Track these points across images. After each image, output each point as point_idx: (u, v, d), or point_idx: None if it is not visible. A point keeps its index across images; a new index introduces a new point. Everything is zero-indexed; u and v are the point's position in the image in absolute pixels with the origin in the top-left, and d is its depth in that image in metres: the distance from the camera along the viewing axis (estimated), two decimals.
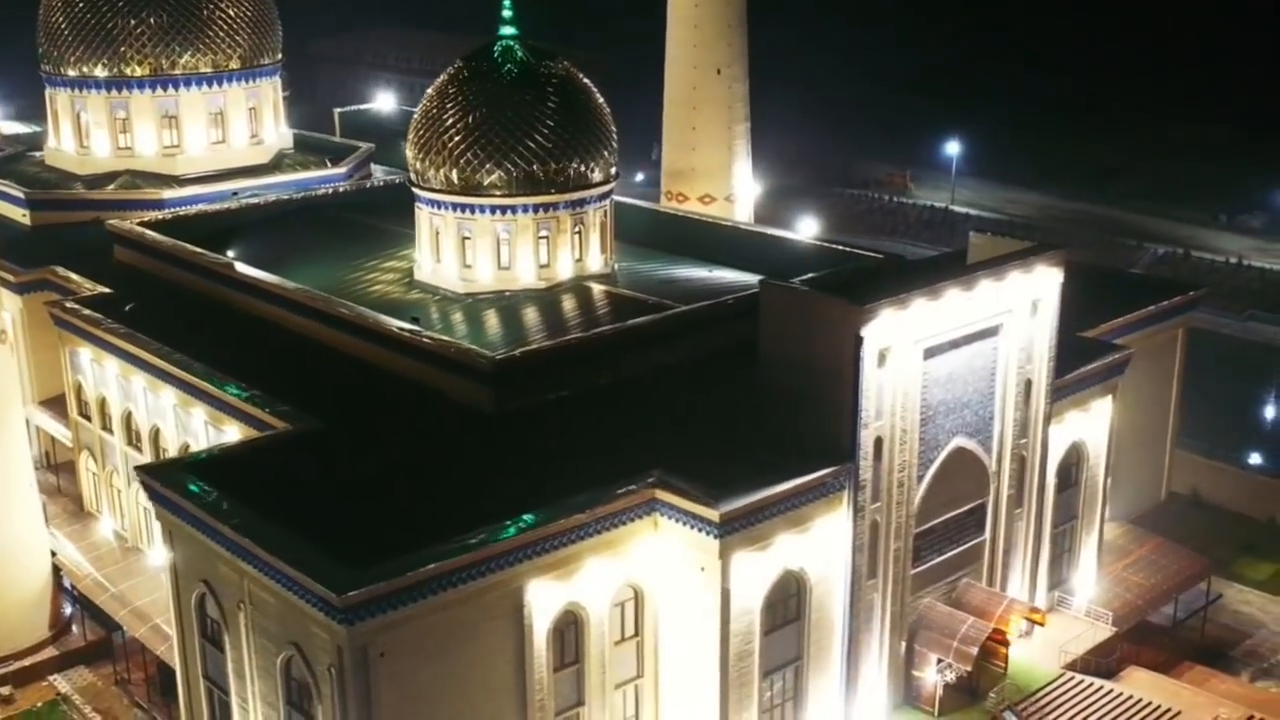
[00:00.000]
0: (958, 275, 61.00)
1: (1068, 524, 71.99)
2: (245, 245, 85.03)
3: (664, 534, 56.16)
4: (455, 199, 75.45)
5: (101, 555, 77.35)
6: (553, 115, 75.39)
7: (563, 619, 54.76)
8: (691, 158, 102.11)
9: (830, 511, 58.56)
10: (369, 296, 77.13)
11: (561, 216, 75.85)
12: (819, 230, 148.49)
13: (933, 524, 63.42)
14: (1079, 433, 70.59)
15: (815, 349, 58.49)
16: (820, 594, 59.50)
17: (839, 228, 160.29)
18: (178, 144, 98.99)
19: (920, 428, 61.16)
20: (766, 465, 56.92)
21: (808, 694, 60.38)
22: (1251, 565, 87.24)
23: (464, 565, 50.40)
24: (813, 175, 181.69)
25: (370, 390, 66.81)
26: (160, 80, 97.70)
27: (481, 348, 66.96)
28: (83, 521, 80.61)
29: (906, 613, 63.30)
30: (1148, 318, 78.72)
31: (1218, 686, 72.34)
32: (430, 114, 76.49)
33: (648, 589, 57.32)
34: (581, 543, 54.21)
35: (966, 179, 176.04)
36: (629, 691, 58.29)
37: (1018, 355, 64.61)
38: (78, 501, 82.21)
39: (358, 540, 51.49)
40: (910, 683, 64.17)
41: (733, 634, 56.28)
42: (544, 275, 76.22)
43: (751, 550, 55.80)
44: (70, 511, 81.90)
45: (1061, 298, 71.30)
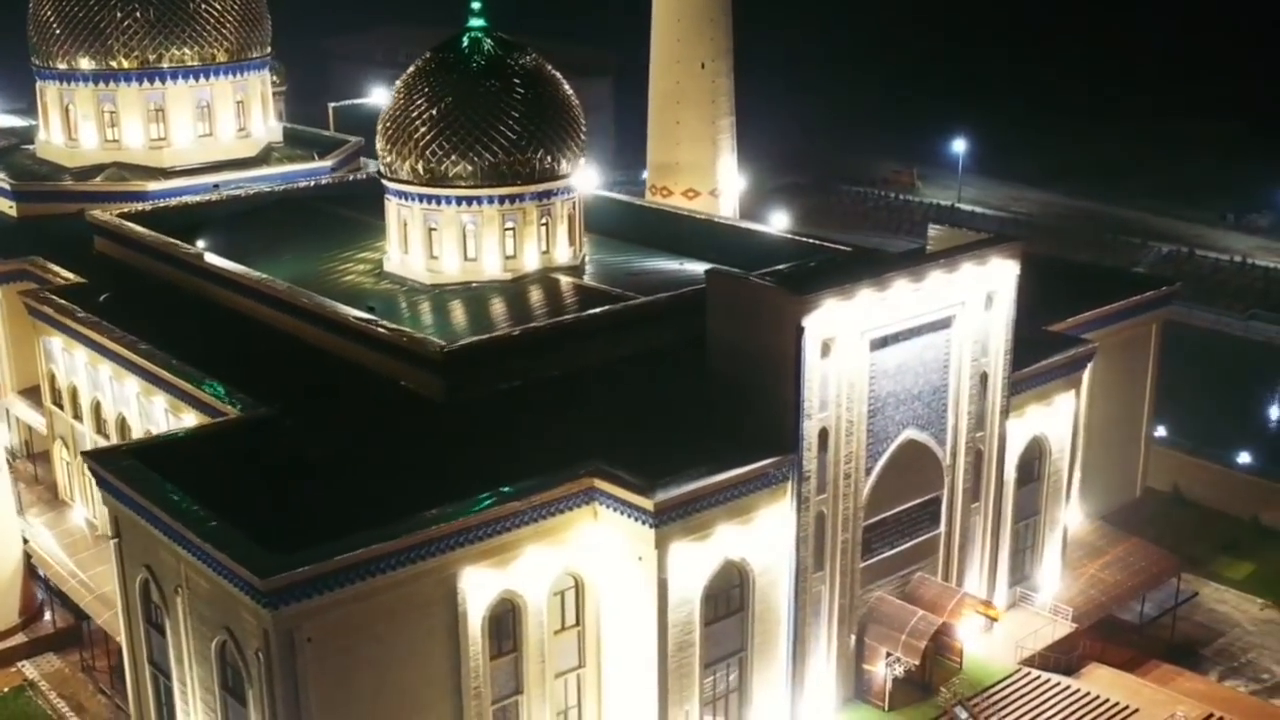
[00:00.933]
0: (905, 266, 60.67)
1: (1030, 519, 71.47)
2: (223, 237, 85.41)
3: (603, 523, 56.14)
4: (422, 190, 75.63)
5: (74, 542, 77.94)
6: (519, 107, 75.40)
7: (499, 607, 54.80)
8: (675, 152, 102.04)
9: (773, 502, 58.37)
10: (338, 287, 77.42)
11: (528, 208, 75.89)
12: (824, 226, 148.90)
13: (883, 516, 63.10)
14: (1040, 427, 70.06)
15: (758, 339, 58.35)
16: (764, 585, 59.31)
17: (844, 225, 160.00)
18: (164, 137, 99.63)
19: (868, 419, 60.87)
20: (709, 455, 56.77)
21: (753, 686, 60.22)
22: (1230, 564, 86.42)
23: (392, 551, 50.52)
24: (819, 173, 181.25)
25: (327, 378, 67.03)
26: (147, 73, 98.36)
27: (441, 338, 67.10)
28: (57, 509, 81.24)
29: (856, 606, 63.01)
30: (1118, 312, 78.03)
31: (1183, 685, 71.76)
32: (398, 106, 76.71)
33: (588, 578, 57.30)
34: (518, 530, 54.24)
35: (974, 177, 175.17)
36: (570, 681, 58.30)
37: (972, 348, 64.20)
38: (53, 490, 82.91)
39: (293, 525, 51.67)
40: (861, 676, 63.87)
41: (672, 624, 56.17)
42: (510, 267, 76.29)
43: (690, 540, 55.67)
44: (45, 500, 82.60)
45: (1031, 291, 71.09)
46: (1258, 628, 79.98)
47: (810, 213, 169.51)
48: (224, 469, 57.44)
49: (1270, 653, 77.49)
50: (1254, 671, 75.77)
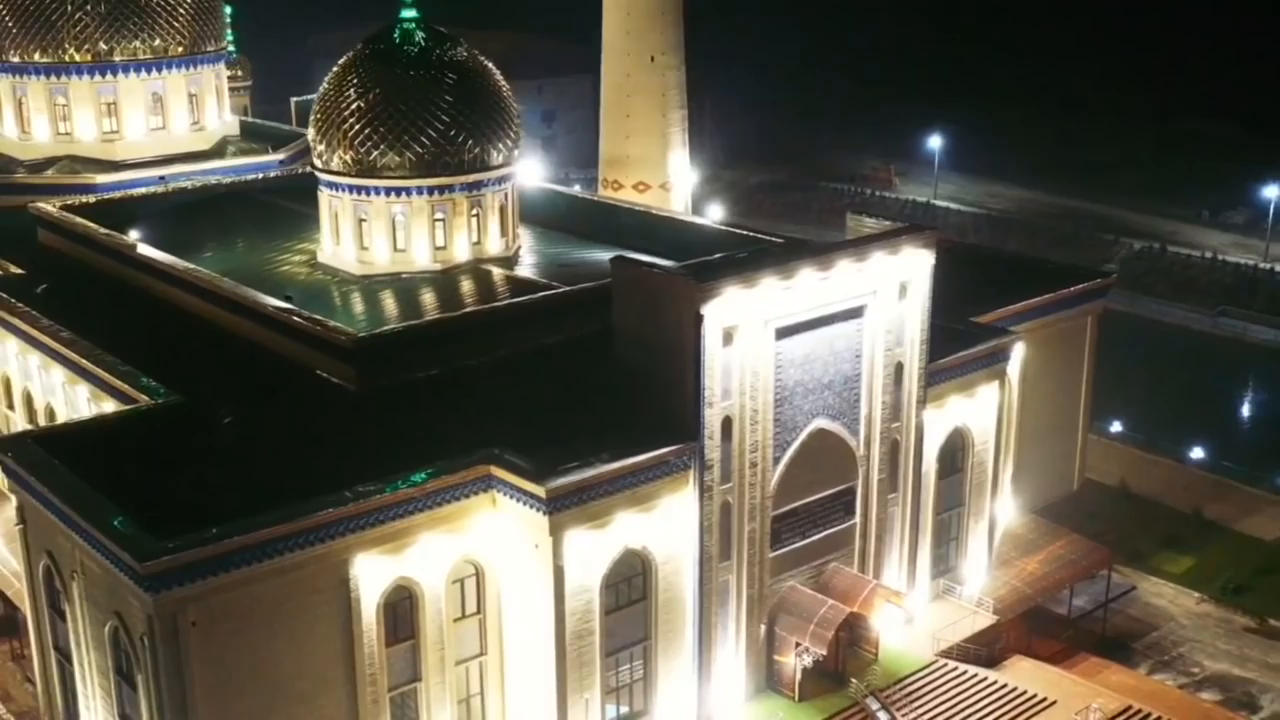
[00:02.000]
0: (811, 256, 60.60)
1: (954, 511, 71.31)
2: (165, 229, 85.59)
3: (502, 510, 56.19)
4: (352, 181, 75.84)
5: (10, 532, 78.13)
6: (449, 98, 75.54)
7: (394, 594, 54.86)
8: (626, 145, 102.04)
9: (676, 491, 58.32)
10: (272, 278, 77.60)
11: (458, 199, 76.00)
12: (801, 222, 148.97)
13: (794, 506, 63.04)
14: (962, 418, 69.88)
15: (660, 327, 58.35)
16: (668, 574, 59.26)
17: (821, 221, 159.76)
18: (117, 130, 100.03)
19: (775, 408, 60.79)
20: (610, 443, 56.79)
21: (658, 675, 60.17)
22: (1171, 558, 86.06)
23: (278, 537, 50.63)
24: (798, 169, 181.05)
25: (247, 367, 67.17)
26: (99, 67, 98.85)
27: (364, 328, 67.25)
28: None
29: (766, 595, 62.95)
30: (1049, 304, 77.81)
31: (1108, 678, 71.57)
32: (328, 97, 76.96)
33: (488, 566, 57.34)
34: (412, 517, 54.32)
35: (954, 174, 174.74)
36: (472, 669, 58.34)
37: (885, 337, 64.08)
38: None
39: (187, 511, 51.71)
40: (772, 667, 63.81)
41: (570, 612, 56.16)
42: (440, 258, 76.40)
43: (588, 528, 55.66)
44: None
45: (967, 283, 71.15)
46: (1192, 622, 79.63)
47: (788, 209, 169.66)
48: (130, 456, 57.56)
49: (1202, 647, 77.14)
50: (1184, 665, 75.41)
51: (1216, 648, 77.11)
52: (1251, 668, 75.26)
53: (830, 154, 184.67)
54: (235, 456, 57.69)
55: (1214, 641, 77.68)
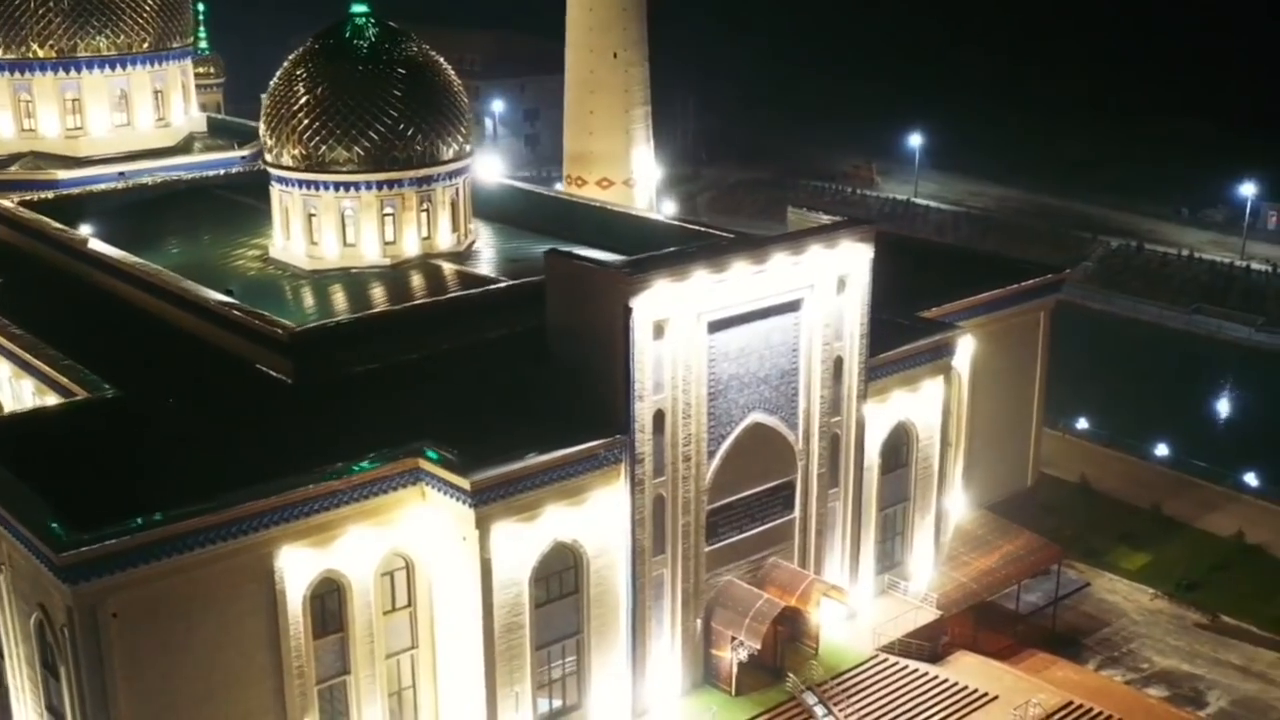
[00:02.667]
0: (744, 249, 60.58)
1: (898, 506, 71.28)
2: (123, 225, 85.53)
3: (431, 504, 56.21)
4: (301, 176, 75.94)
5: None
6: (399, 93, 75.60)
7: (322, 586, 54.89)
8: (589, 142, 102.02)
9: (607, 484, 58.33)
10: (224, 273, 77.64)
11: (407, 194, 76.04)
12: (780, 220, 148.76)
13: (731, 500, 62.99)
14: (906, 412, 69.82)
15: (591, 320, 58.38)
16: (600, 568, 59.26)
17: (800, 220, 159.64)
18: (81, 126, 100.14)
19: (709, 402, 60.75)
20: (541, 436, 56.79)
21: (591, 669, 60.16)
22: (1126, 555, 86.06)
23: (199, 528, 50.66)
24: (779, 168, 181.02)
25: (189, 361, 67.17)
26: (64, 63, 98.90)
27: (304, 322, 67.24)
28: None
29: (702, 590, 62.89)
30: (999, 299, 77.60)
31: (1054, 673, 71.54)
32: (279, 92, 77.01)
33: (418, 558, 57.37)
34: (339, 510, 54.32)
35: (936, 172, 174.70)
36: (403, 662, 58.36)
37: (823, 331, 64.02)
38: None
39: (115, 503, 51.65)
40: (709, 661, 63.76)
41: (499, 605, 56.17)
42: (390, 252, 76.46)
43: (515, 521, 55.66)
44: None
45: (918, 278, 70.95)
46: (1144, 618, 79.55)
47: (768, 207, 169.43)
48: (64, 449, 57.56)
49: (1153, 643, 77.06)
50: (1133, 661, 75.32)
51: (1167, 644, 77.05)
52: (1200, 664, 75.20)
53: (812, 152, 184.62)
54: (170, 449, 57.66)
55: (1165, 638, 77.63)
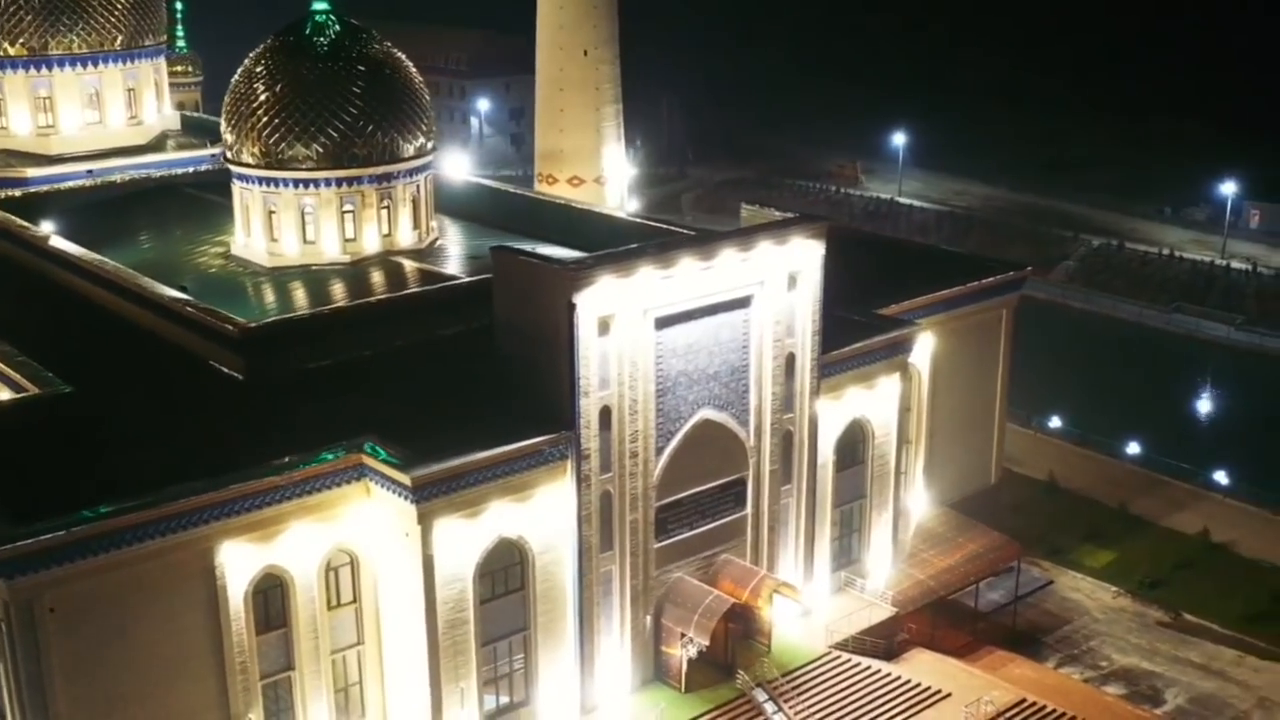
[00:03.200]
0: (691, 246, 60.57)
1: (855, 503, 71.23)
2: (89, 222, 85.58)
3: (376, 500, 56.23)
4: (261, 173, 75.99)
5: None
6: (359, 90, 75.66)
7: (264, 582, 54.93)
8: (560, 139, 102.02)
9: (553, 480, 58.35)
10: (186, 270, 77.80)
11: (366, 191, 76.09)
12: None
13: (680, 497, 63.00)
14: (861, 409, 69.77)
15: (537, 316, 58.44)
16: (547, 564, 59.27)
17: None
18: (53, 124, 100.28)
19: (657, 398, 60.76)
20: (488, 433, 56.80)
21: (538, 666, 60.15)
22: (1091, 552, 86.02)
23: (137, 524, 50.71)
24: (766, 167, 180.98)
25: (145, 357, 67.24)
26: (35, 61, 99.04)
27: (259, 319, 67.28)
28: None
29: (652, 586, 62.87)
30: (959, 297, 77.46)
31: (1011, 671, 71.46)
32: (239, 89, 77.06)
33: (364, 554, 57.40)
34: (281, 505, 54.38)
35: (921, 171, 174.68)
36: (350, 657, 58.39)
37: (774, 328, 64.00)
38: None
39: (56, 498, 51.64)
40: (660, 658, 63.74)
41: (443, 601, 56.20)
42: (350, 249, 76.49)
43: (458, 517, 55.71)
44: None
45: (879, 275, 70.63)
46: (1106, 615, 79.49)
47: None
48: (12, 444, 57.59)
49: (1113, 641, 76.99)
50: (1093, 659, 75.25)
51: (1127, 642, 77.00)
52: (1160, 661, 75.15)
53: (800, 152, 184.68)
54: (118, 445, 57.68)
55: (1126, 635, 77.57)
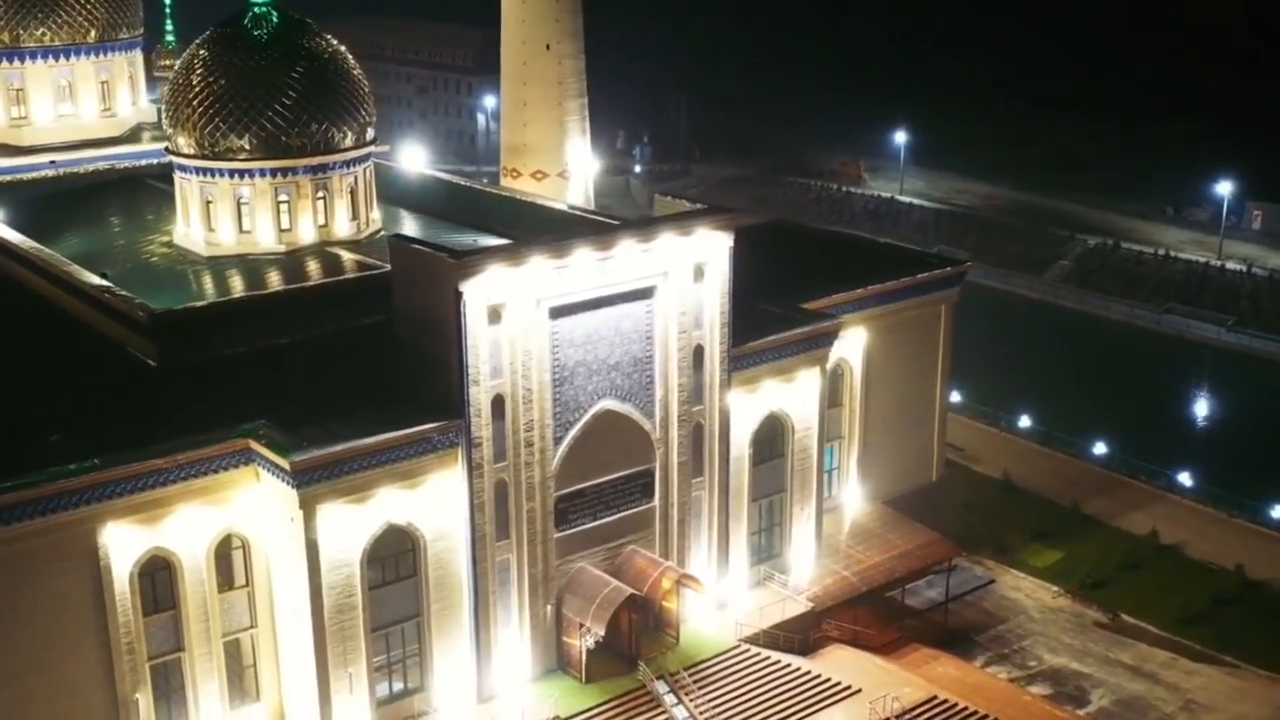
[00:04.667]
0: (586, 236, 60.61)
1: (774, 497, 70.99)
2: (44, 213, 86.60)
3: (265, 484, 56.71)
4: (198, 163, 76.70)
5: None
6: (294, 81, 76.09)
7: (150, 564, 55.54)
8: (524, 134, 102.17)
9: (444, 468, 58.61)
10: (128, 260, 78.73)
11: (301, 181, 76.63)
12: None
13: (581, 487, 63.03)
14: (779, 403, 69.55)
15: (428, 305, 58.70)
16: (440, 551, 59.53)
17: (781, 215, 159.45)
18: (25, 116, 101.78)
19: (553, 388, 60.83)
20: (380, 419, 57.15)
21: (433, 653, 60.38)
22: (1038, 552, 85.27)
23: (14, 502, 51.45)
24: (769, 165, 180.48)
25: (70, 343, 68.01)
26: (7, 53, 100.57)
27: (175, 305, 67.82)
28: None
29: (552, 576, 62.96)
30: (894, 291, 76.93)
31: (934, 669, 71.04)
32: (178, 80, 77.87)
33: (254, 539, 57.90)
34: (166, 488, 54.98)
35: (924, 170, 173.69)
36: (244, 641, 58.90)
37: (679, 319, 63.92)
38: None
39: None
40: (562, 648, 63.82)
41: (329, 586, 56.59)
42: (285, 240, 77.04)
43: (343, 502, 56.09)
44: None
45: (811, 269, 70.11)
46: (1043, 615, 78.75)
47: (752, 203, 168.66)
48: None
49: (1046, 641, 76.25)
50: (1022, 659, 74.55)
51: (1061, 642, 76.26)
52: (1090, 662, 74.36)
53: (806, 149, 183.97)
54: (22, 426, 58.34)
55: (1060, 636, 76.83)
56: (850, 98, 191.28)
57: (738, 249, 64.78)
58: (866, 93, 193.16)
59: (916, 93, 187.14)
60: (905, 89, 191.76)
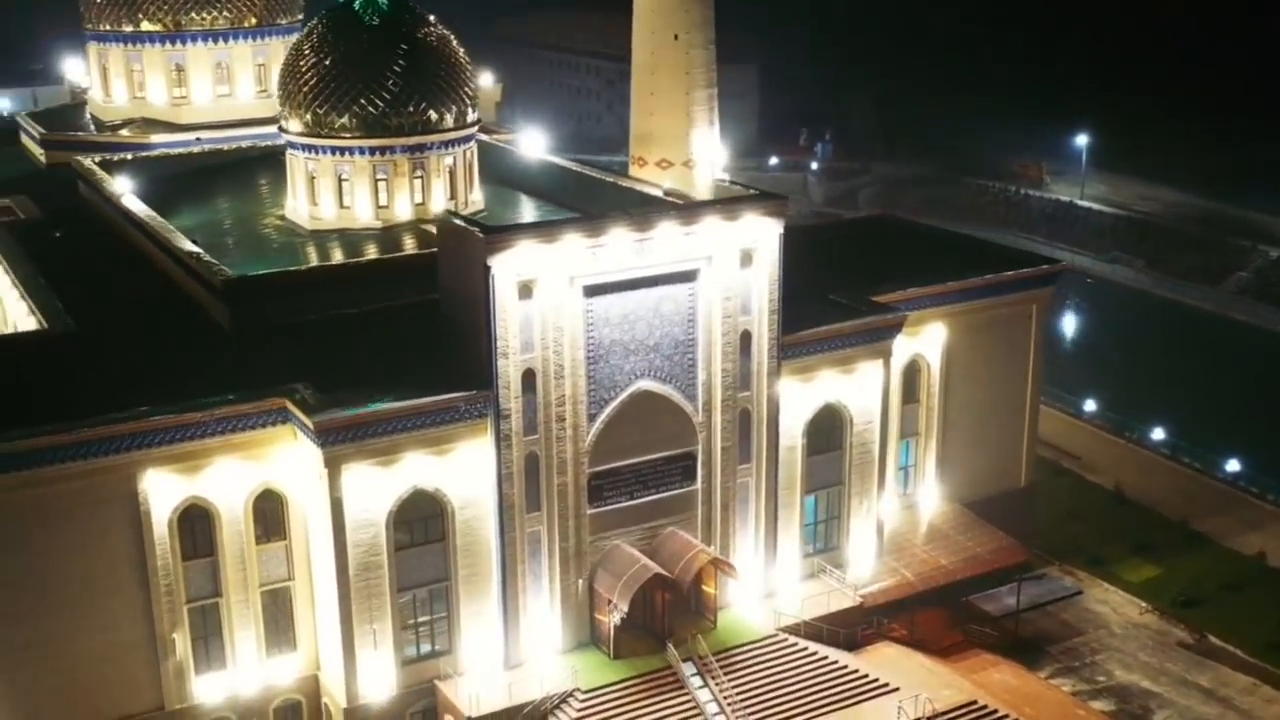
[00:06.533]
0: (623, 218, 61.17)
1: (831, 489, 70.25)
2: (184, 186, 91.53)
3: (301, 443, 59.22)
4: (304, 140, 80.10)
5: None
6: (397, 63, 78.68)
7: (189, 511, 58.65)
8: (650, 122, 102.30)
9: (474, 438, 60.11)
10: (242, 232, 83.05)
11: (399, 160, 79.22)
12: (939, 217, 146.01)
13: (617, 465, 63.66)
14: (837, 394, 68.82)
15: (464, 279, 60.25)
16: (469, 519, 61.09)
17: (957, 217, 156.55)
18: (185, 95, 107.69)
19: (588, 365, 61.63)
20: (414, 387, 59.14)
21: (460, 618, 61.96)
22: (1135, 566, 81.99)
23: (55, 445, 55.15)
24: (949, 164, 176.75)
25: (163, 303, 72.16)
26: (172, 36, 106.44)
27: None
28: None
29: (585, 551, 63.78)
30: (977, 288, 75.18)
31: (989, 675, 69.63)
32: (290, 61, 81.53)
33: (291, 495, 60.49)
34: (204, 440, 58.02)
35: (1110, 174, 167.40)
36: (281, 592, 61.57)
37: (724, 304, 63.92)
38: None
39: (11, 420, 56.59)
40: (595, 623, 64.61)
41: (355, 544, 58.80)
42: (382, 216, 79.78)
43: (369, 464, 58.20)
44: None
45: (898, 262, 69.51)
46: (1124, 631, 75.72)
47: (927, 204, 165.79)
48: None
49: (1121, 657, 73.34)
50: (1090, 673, 71.92)
51: (1137, 659, 73.28)
52: (1164, 682, 71.28)
53: (989, 150, 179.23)
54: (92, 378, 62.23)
55: (1137, 653, 73.84)
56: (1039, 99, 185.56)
57: (830, 241, 64.44)
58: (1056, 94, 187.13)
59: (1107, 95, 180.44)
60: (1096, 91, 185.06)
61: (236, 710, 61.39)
